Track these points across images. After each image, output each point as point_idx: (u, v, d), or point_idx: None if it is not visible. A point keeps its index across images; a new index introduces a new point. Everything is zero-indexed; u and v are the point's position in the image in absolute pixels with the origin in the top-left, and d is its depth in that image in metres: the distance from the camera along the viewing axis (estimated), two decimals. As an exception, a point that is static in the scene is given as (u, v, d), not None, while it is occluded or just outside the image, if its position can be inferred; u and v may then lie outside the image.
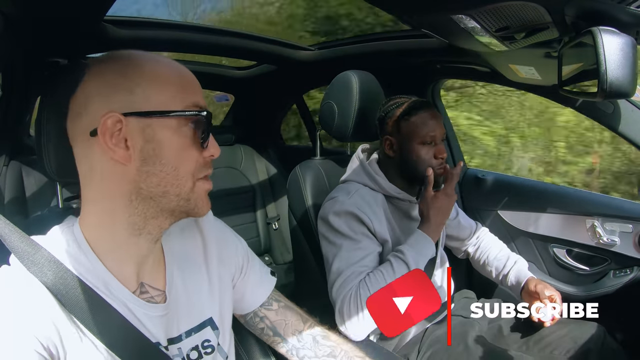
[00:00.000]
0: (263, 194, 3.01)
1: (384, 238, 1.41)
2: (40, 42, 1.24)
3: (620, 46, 0.83)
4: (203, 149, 0.75)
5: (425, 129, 1.43)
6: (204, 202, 0.77)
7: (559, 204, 1.82)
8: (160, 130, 0.70)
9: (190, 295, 0.84)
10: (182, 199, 0.74)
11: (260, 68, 2.64)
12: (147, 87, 0.70)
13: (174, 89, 0.72)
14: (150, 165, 0.70)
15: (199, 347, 0.83)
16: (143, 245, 0.76)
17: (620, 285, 1.63)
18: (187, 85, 0.75)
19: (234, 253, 0.96)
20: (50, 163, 0.91)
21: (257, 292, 0.99)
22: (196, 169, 0.74)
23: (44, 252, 0.69)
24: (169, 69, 0.75)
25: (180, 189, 0.73)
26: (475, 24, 1.03)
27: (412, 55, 1.93)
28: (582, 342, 1.39)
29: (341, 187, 1.50)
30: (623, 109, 1.49)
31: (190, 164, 0.73)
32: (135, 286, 0.76)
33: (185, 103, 0.72)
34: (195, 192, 0.75)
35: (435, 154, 1.44)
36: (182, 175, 0.73)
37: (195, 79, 0.78)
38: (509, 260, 1.65)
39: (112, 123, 0.68)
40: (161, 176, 0.71)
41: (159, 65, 0.74)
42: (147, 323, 0.75)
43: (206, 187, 0.77)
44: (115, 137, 0.69)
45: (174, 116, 0.71)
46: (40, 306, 0.65)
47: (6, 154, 1.86)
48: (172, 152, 0.71)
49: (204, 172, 0.76)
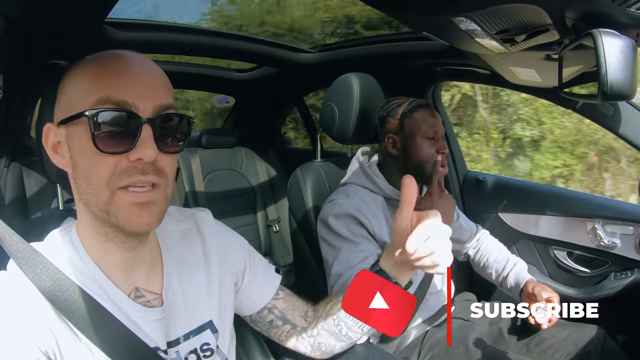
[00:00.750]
0: (263, 196, 3.01)
1: (384, 240, 1.41)
2: (42, 44, 1.25)
3: (620, 48, 0.82)
4: (125, 152, 0.65)
5: (428, 124, 1.45)
6: (130, 218, 0.66)
7: (560, 207, 1.82)
8: (73, 137, 0.67)
9: (189, 298, 0.83)
10: (101, 210, 0.66)
11: (260, 70, 2.65)
12: (68, 95, 0.68)
13: (85, 88, 0.66)
14: (76, 173, 0.68)
15: (198, 351, 0.82)
16: (116, 252, 0.73)
17: (620, 288, 1.63)
18: (100, 81, 0.65)
19: (236, 257, 0.95)
20: (50, 165, 0.91)
21: (264, 290, 0.98)
22: (113, 176, 0.65)
23: (41, 258, 0.68)
24: (90, 66, 0.68)
25: (97, 199, 0.66)
26: (476, 27, 1.03)
27: (413, 58, 1.93)
28: (582, 345, 1.39)
29: (341, 189, 1.50)
30: (623, 111, 1.49)
31: (103, 171, 0.64)
32: (129, 290, 0.75)
33: (91, 101, 0.64)
34: (115, 205, 0.65)
35: (437, 149, 1.45)
36: (95, 183, 0.65)
37: (120, 70, 0.67)
38: (508, 262, 1.65)
39: (52, 134, 0.70)
40: (80, 184, 0.68)
41: (83, 66, 0.68)
42: (144, 327, 0.74)
43: (130, 200, 0.65)
44: (57, 147, 0.71)
45: (80, 118, 0.64)
46: (37, 313, 0.65)
47: (7, 155, 1.87)
48: (81, 159, 0.66)
49: (127, 181, 0.65)
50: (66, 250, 0.73)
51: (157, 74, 0.70)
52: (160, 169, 0.68)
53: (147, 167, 0.66)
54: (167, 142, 0.69)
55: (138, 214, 0.66)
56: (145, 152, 0.64)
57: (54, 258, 0.70)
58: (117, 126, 0.64)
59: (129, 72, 0.67)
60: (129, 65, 0.68)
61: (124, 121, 0.64)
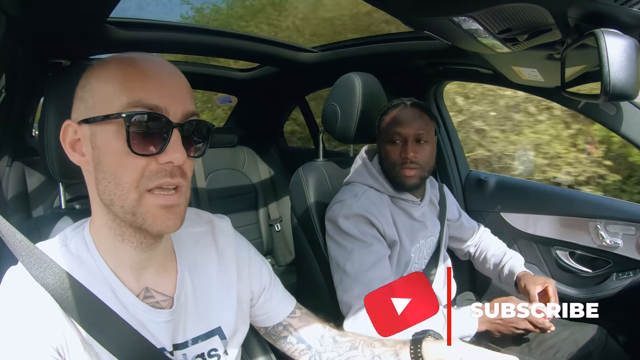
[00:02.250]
0: (265, 195, 3.01)
1: (393, 239, 1.41)
2: (44, 43, 1.25)
3: (623, 48, 0.82)
4: (155, 154, 0.66)
5: (392, 128, 1.44)
6: (157, 220, 0.68)
7: (562, 207, 1.82)
8: (101, 136, 0.67)
9: (200, 303, 0.83)
10: (127, 212, 0.67)
11: (262, 70, 2.65)
12: (93, 93, 0.68)
13: (115, 89, 0.66)
14: (99, 172, 0.68)
15: (205, 356, 0.82)
16: (131, 252, 0.73)
17: (622, 288, 1.63)
18: (132, 83, 0.66)
19: (259, 273, 0.94)
20: (53, 164, 0.91)
21: (281, 306, 0.98)
22: (142, 179, 0.66)
23: (45, 257, 0.69)
24: (119, 67, 0.68)
25: (123, 200, 0.67)
26: (478, 26, 1.03)
27: (414, 57, 1.93)
28: (584, 345, 1.39)
29: (348, 188, 1.50)
30: (626, 111, 1.49)
31: (132, 173, 0.66)
32: (139, 290, 0.75)
33: (123, 103, 0.65)
34: (143, 206, 0.67)
35: (400, 153, 1.43)
36: (124, 185, 0.66)
37: (152, 74, 0.68)
38: (505, 255, 1.68)
39: (71, 131, 0.70)
40: (104, 184, 0.67)
41: (110, 66, 0.69)
42: (151, 328, 0.74)
43: (159, 202, 0.67)
44: (76, 145, 0.71)
45: (112, 119, 0.65)
46: (47, 310, 0.66)
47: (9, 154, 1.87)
48: (110, 159, 0.66)
49: (155, 182, 0.66)
50: (77, 248, 0.73)
51: (184, 80, 0.72)
52: (184, 171, 0.70)
53: (175, 169, 0.68)
54: (192, 146, 0.71)
55: (165, 217, 0.68)
56: (175, 155, 0.66)
57: (65, 255, 0.71)
58: (150, 129, 0.65)
59: (159, 76, 0.68)
60: (159, 69, 0.69)
61: (157, 125, 0.66)
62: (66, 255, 0.72)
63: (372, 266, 1.34)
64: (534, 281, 1.47)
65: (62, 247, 0.73)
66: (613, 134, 1.54)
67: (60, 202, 1.06)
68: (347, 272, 1.36)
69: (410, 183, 1.44)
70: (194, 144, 0.72)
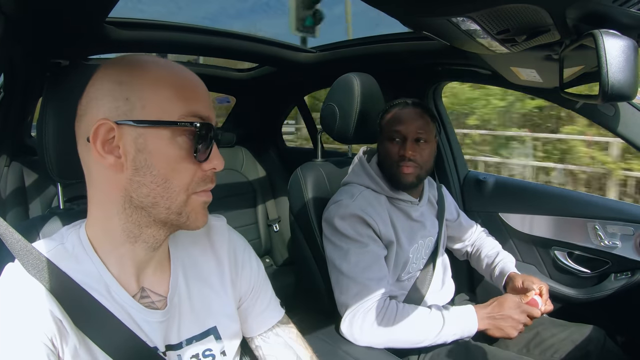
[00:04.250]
0: (264, 195, 3.01)
1: (390, 240, 1.41)
2: (42, 43, 1.25)
3: (621, 49, 0.82)
4: (202, 161, 0.71)
5: (392, 126, 1.46)
6: (198, 216, 0.74)
7: (560, 207, 1.82)
8: (152, 140, 0.67)
9: (195, 303, 0.83)
10: (172, 212, 0.71)
11: (261, 70, 2.64)
12: (142, 95, 0.67)
13: (170, 96, 0.68)
14: (142, 176, 0.68)
15: (200, 356, 0.82)
16: (140, 252, 0.75)
17: (621, 288, 1.63)
18: (186, 93, 0.70)
19: (249, 273, 0.94)
20: (51, 164, 0.91)
21: (258, 320, 0.96)
22: (192, 183, 0.71)
23: (42, 257, 0.69)
24: (168, 74, 0.70)
25: (171, 202, 0.70)
26: (477, 27, 1.03)
27: (413, 58, 1.93)
28: (582, 345, 1.39)
29: (345, 189, 1.50)
30: (624, 111, 1.49)
31: (184, 178, 0.70)
32: (136, 290, 0.76)
33: (181, 112, 0.68)
34: (189, 206, 0.72)
35: (399, 151, 1.44)
36: (174, 188, 0.69)
37: (198, 85, 0.73)
38: (498, 255, 1.69)
39: (105, 131, 0.67)
40: (151, 187, 0.69)
41: (158, 71, 0.70)
42: (145, 328, 0.75)
43: (203, 200, 0.74)
44: (107, 145, 0.68)
45: (168, 126, 0.68)
46: (42, 303, 0.66)
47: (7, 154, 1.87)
48: (164, 164, 0.68)
49: (203, 187, 0.73)
50: (73, 247, 0.73)
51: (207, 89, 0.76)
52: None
53: (213, 175, 0.75)
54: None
55: (203, 213, 0.75)
56: (217, 162, 0.73)
57: (61, 254, 0.72)
58: (201, 138, 0.70)
59: (202, 88, 0.74)
60: (197, 81, 0.74)
61: (208, 134, 0.71)
62: (62, 253, 0.72)
63: (368, 266, 1.35)
64: (531, 280, 1.47)
65: (58, 245, 0.73)
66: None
67: (58, 202, 1.06)
68: (344, 273, 1.36)
69: (408, 181, 1.45)
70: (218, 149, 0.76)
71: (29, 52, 1.31)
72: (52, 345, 0.65)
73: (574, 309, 1.45)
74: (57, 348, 0.65)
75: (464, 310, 1.35)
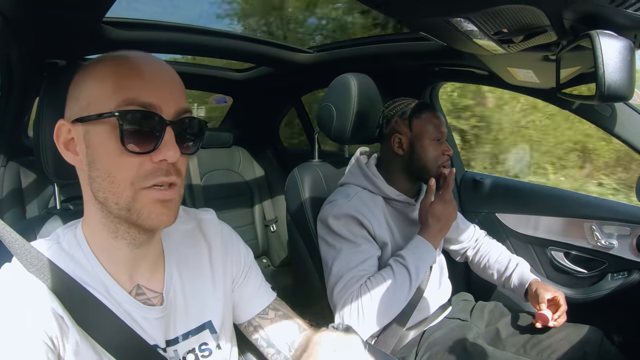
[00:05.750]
0: (261, 196, 3.01)
1: (384, 241, 1.41)
2: (39, 42, 1.24)
3: (618, 49, 0.83)
4: (148, 152, 0.66)
5: (437, 127, 1.48)
6: (151, 214, 0.68)
7: (557, 207, 1.82)
8: (95, 135, 0.67)
9: (189, 298, 0.83)
10: (122, 208, 0.68)
11: (258, 70, 2.64)
12: (88, 93, 0.68)
13: (109, 88, 0.66)
14: (93, 171, 0.68)
15: (196, 350, 0.82)
16: (124, 249, 0.74)
17: (617, 288, 1.63)
18: (126, 82, 0.66)
19: (238, 257, 0.95)
20: (48, 164, 0.91)
21: (253, 301, 0.96)
22: (137, 177, 0.66)
23: (41, 256, 0.69)
24: (113, 67, 0.68)
25: (117, 198, 0.67)
26: (474, 27, 1.03)
27: (410, 58, 1.93)
28: (579, 345, 1.39)
29: (340, 189, 1.50)
30: (620, 112, 1.50)
31: (126, 171, 0.66)
32: (131, 287, 0.76)
33: (117, 102, 0.65)
34: (139, 202, 0.67)
35: (443, 151, 1.48)
36: (118, 183, 0.66)
37: (146, 72, 0.68)
38: (510, 262, 1.65)
39: (65, 131, 0.70)
40: (99, 182, 0.68)
41: (103, 67, 0.69)
42: (144, 325, 0.75)
43: (156, 197, 0.68)
44: (71, 144, 0.71)
45: (105, 118, 0.65)
46: (43, 300, 0.66)
47: (4, 154, 1.86)
48: (105, 158, 0.67)
49: (152, 181, 0.67)
50: (70, 246, 0.74)
51: (176, 78, 0.72)
52: (178, 169, 0.70)
53: (169, 167, 0.68)
54: (185, 144, 0.72)
55: (159, 211, 0.69)
56: (169, 153, 0.67)
57: (58, 253, 0.72)
58: (143, 127, 0.66)
59: (152, 74, 0.69)
60: (152, 67, 0.69)
61: (150, 123, 0.66)
62: (59, 253, 0.72)
63: (355, 266, 1.35)
64: (545, 288, 1.49)
65: (54, 244, 0.74)
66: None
67: (55, 203, 1.05)
68: (335, 271, 1.36)
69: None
70: (187, 142, 0.73)
71: (26, 52, 1.30)
72: (52, 343, 0.64)
73: (570, 309, 1.45)
74: (57, 346, 0.65)
75: (414, 244, 1.39)
